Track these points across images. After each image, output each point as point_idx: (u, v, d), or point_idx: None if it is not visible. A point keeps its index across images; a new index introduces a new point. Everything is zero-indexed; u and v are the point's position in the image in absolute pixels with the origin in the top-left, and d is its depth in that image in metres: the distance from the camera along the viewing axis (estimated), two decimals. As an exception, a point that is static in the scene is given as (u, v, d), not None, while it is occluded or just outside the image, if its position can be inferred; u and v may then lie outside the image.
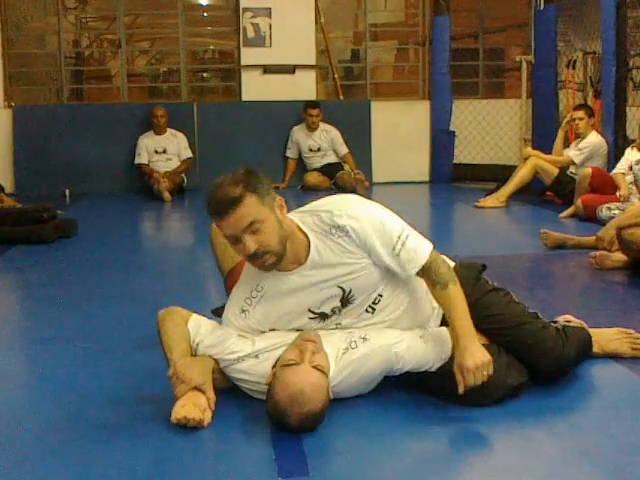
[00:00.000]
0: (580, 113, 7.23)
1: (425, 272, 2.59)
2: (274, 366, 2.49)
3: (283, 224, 2.53)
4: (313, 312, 2.64)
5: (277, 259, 2.52)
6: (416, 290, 2.72)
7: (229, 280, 2.99)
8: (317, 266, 2.58)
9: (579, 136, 7.26)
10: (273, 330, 2.66)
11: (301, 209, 2.68)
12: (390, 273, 2.62)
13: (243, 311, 2.64)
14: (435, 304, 2.72)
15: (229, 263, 3.04)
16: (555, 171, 7.23)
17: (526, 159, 7.41)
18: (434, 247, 2.63)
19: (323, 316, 2.65)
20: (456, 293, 2.58)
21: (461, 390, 2.50)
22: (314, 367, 2.40)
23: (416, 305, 2.74)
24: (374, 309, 2.68)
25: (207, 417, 2.47)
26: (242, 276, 2.71)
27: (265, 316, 2.63)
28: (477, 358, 2.48)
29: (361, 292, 2.62)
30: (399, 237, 2.56)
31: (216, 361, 2.61)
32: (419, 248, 2.59)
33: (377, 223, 2.57)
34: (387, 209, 2.66)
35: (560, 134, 7.45)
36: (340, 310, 2.64)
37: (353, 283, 2.60)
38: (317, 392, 2.36)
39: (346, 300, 2.63)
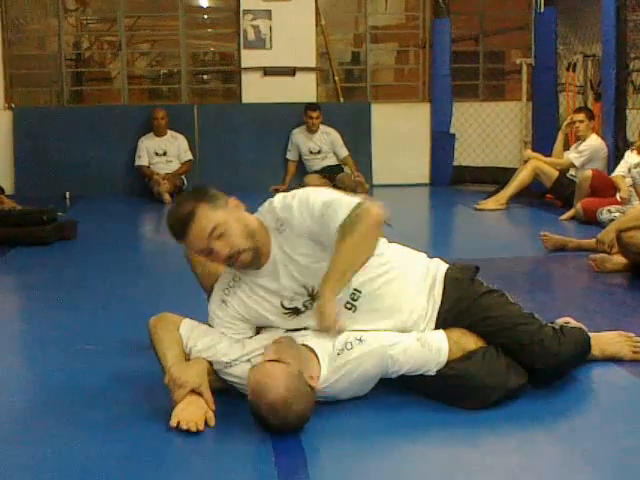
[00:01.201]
0: (580, 116, 7.24)
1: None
2: None
3: (245, 220, 2.58)
4: (285, 307, 2.66)
5: (254, 254, 2.57)
6: (403, 287, 2.71)
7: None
8: (277, 264, 2.61)
9: (579, 138, 7.27)
10: (259, 327, 2.71)
11: (260, 209, 2.70)
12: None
13: (223, 301, 2.69)
14: (425, 304, 2.73)
15: (210, 280, 3.05)
16: (555, 174, 7.23)
17: (526, 161, 7.41)
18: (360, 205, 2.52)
19: (296, 311, 2.66)
20: (346, 244, 2.46)
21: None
22: (273, 360, 2.40)
23: (403, 306, 2.71)
24: (355, 306, 2.66)
25: (210, 418, 2.47)
26: (220, 276, 2.77)
27: (242, 305, 2.66)
28: (327, 319, 2.47)
29: None
30: (324, 203, 2.54)
31: (210, 363, 2.62)
32: (338, 209, 2.52)
33: (304, 199, 2.58)
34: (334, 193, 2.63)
35: (560, 137, 7.46)
36: (311, 304, 2.63)
37: (314, 279, 2.58)
38: (277, 379, 2.33)
39: (312, 297, 2.63)
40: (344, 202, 2.53)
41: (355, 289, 2.65)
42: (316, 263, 2.58)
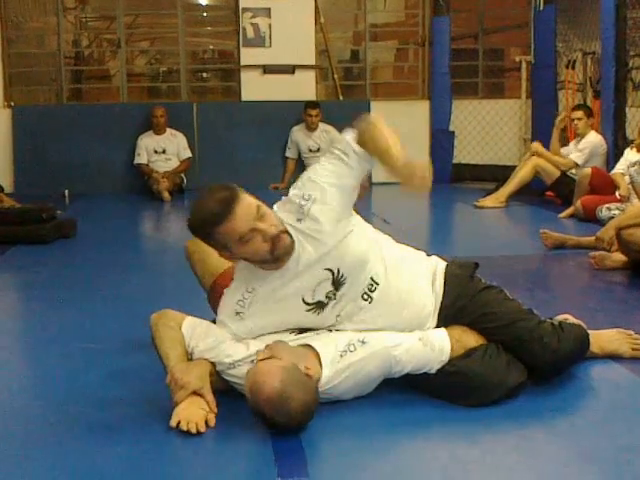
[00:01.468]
0: (579, 113, 7.24)
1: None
2: None
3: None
4: (308, 303, 2.62)
5: (291, 240, 2.55)
6: (413, 284, 2.72)
7: (212, 295, 2.99)
8: (300, 256, 2.59)
9: (578, 136, 7.27)
10: (274, 332, 2.65)
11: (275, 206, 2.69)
12: (375, 247, 2.66)
13: (237, 313, 2.62)
14: (433, 300, 2.73)
15: (210, 279, 3.04)
16: (557, 172, 7.24)
17: (533, 154, 7.39)
18: None
19: (320, 305, 2.63)
20: (372, 127, 2.70)
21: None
22: (265, 359, 2.41)
23: (416, 300, 2.72)
24: (371, 297, 2.66)
25: (210, 419, 2.46)
26: (232, 282, 2.70)
27: (262, 317, 2.62)
28: (418, 170, 2.60)
29: (350, 269, 2.61)
30: (328, 155, 2.71)
31: (213, 364, 2.59)
32: (347, 140, 2.70)
33: (312, 165, 2.75)
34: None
35: (555, 133, 7.45)
36: (335, 294, 2.62)
37: (339, 260, 2.58)
38: (270, 374, 2.35)
39: (337, 282, 2.61)
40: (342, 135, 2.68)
41: (372, 279, 2.65)
42: (341, 242, 2.58)
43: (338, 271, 2.61)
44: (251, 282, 2.62)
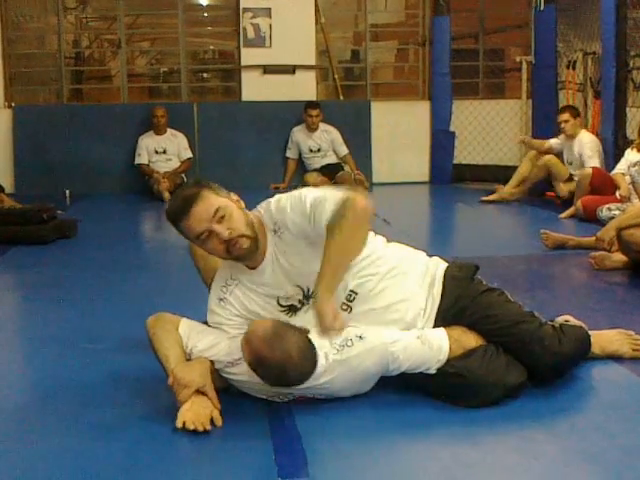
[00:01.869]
0: (565, 115, 7.24)
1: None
2: None
3: (245, 212, 2.62)
4: (282, 305, 2.67)
5: (252, 243, 2.57)
6: (398, 286, 2.71)
7: None
8: (273, 263, 2.63)
9: (569, 137, 7.27)
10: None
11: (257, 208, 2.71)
12: (360, 263, 2.64)
13: (221, 299, 2.69)
14: (423, 303, 2.74)
15: (210, 274, 3.05)
16: (567, 174, 7.28)
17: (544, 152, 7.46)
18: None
19: (292, 309, 2.67)
20: (334, 241, 2.45)
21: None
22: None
23: (400, 306, 2.71)
24: (350, 307, 2.67)
25: (216, 418, 2.47)
26: (217, 272, 2.77)
27: (241, 304, 2.67)
28: (326, 319, 2.39)
29: None
30: (314, 199, 2.55)
31: (212, 362, 2.61)
32: (325, 206, 2.52)
33: (296, 197, 2.60)
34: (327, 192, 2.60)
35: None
36: (308, 300, 2.65)
37: (308, 280, 2.57)
38: (262, 321, 2.47)
39: (308, 296, 2.64)
40: (331, 197, 2.52)
41: (351, 290, 2.66)
42: (311, 264, 2.56)
43: (308, 289, 2.63)
44: (235, 272, 2.69)
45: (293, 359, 2.40)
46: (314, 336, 2.54)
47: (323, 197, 2.54)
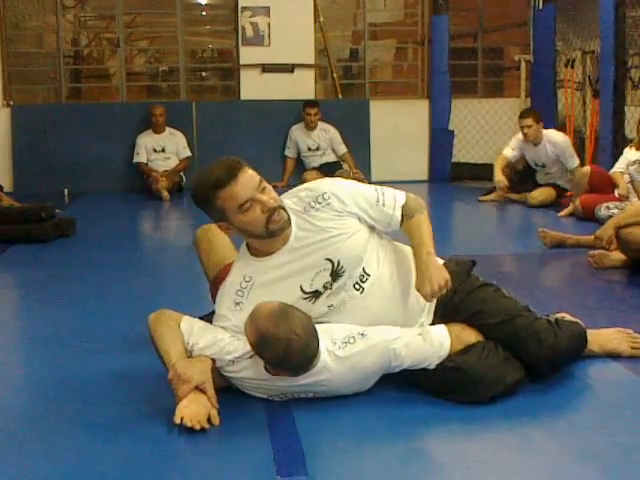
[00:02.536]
0: (528, 121, 7.22)
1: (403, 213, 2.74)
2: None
3: None
4: (305, 292, 2.65)
5: (288, 217, 2.61)
6: (407, 275, 2.73)
7: (214, 287, 2.99)
8: (301, 242, 2.64)
9: (532, 143, 7.27)
10: None
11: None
12: (374, 240, 2.72)
13: (237, 304, 2.64)
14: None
15: (214, 269, 3.05)
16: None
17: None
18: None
19: (316, 294, 2.66)
20: (420, 220, 2.71)
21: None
22: None
23: (408, 292, 2.73)
24: (362, 288, 2.68)
25: (213, 417, 2.47)
26: (228, 275, 2.73)
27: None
28: (434, 282, 2.57)
29: (349, 263, 2.65)
30: (376, 190, 2.76)
31: (213, 361, 2.60)
32: (396, 195, 2.77)
33: (353, 189, 2.75)
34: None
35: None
36: (331, 285, 2.65)
37: (340, 252, 2.63)
38: (269, 302, 2.47)
39: (336, 273, 2.65)
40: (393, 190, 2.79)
41: (364, 270, 2.68)
42: (342, 235, 2.64)
43: (338, 263, 2.63)
44: (248, 272, 2.66)
45: (299, 336, 2.40)
46: (320, 331, 2.54)
47: (382, 188, 2.77)
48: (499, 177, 7.46)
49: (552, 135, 7.29)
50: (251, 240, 2.68)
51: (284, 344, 2.38)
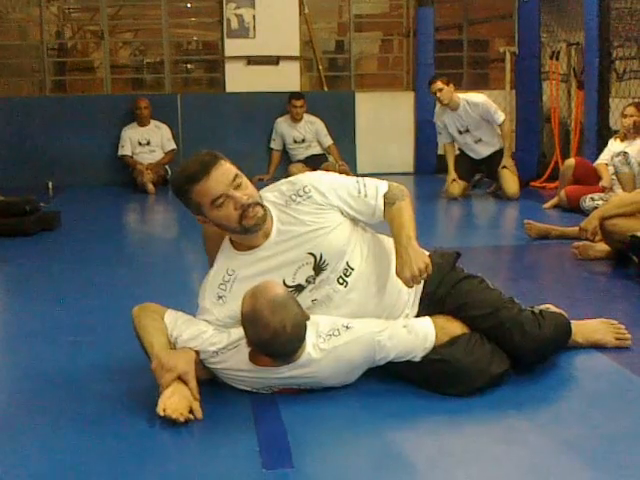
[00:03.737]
0: (437, 84, 7.20)
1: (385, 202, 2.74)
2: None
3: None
4: (288, 286, 2.64)
5: (264, 213, 2.60)
6: (391, 268, 2.72)
7: None
8: (283, 235, 2.64)
9: (449, 108, 7.25)
10: None
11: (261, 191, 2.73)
12: (357, 233, 2.72)
13: (219, 297, 2.65)
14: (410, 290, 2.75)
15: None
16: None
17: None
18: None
19: (299, 288, 2.66)
20: (401, 206, 2.71)
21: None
22: None
23: (392, 284, 2.73)
24: (346, 282, 2.68)
25: (196, 410, 2.46)
26: (211, 268, 2.73)
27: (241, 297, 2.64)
28: (413, 266, 2.56)
29: (331, 256, 2.65)
30: (358, 182, 2.76)
31: (197, 353, 2.61)
32: (378, 184, 2.77)
33: (335, 181, 2.76)
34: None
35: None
36: (314, 279, 2.66)
37: (322, 246, 2.64)
38: (275, 283, 2.50)
39: (319, 267, 2.65)
40: (375, 180, 2.79)
41: (348, 264, 2.68)
42: (326, 231, 2.64)
43: (321, 256, 2.63)
44: (231, 265, 2.66)
45: (286, 332, 2.40)
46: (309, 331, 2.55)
47: (364, 179, 2.78)
48: (452, 175, 7.40)
49: (470, 97, 7.26)
50: (230, 235, 2.68)
51: (270, 332, 2.39)
